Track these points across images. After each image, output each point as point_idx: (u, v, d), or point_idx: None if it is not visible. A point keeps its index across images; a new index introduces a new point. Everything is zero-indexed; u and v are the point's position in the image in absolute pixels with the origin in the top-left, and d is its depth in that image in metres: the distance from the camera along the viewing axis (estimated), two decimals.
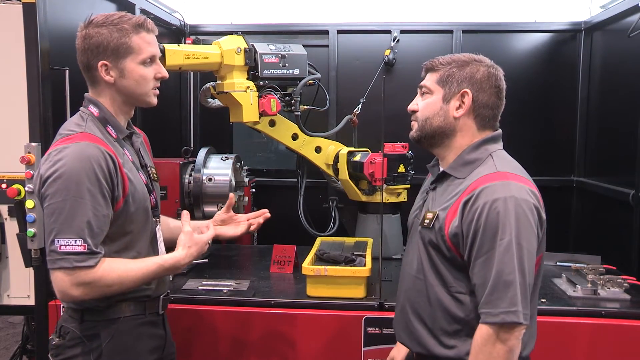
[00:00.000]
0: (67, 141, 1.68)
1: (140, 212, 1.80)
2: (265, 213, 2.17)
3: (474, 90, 1.71)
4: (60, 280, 1.61)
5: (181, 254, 1.79)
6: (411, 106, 1.82)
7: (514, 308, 1.51)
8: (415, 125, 1.80)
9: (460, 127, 1.73)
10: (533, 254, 1.58)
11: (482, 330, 1.56)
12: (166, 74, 1.87)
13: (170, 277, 2.57)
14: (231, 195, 2.17)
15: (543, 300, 2.40)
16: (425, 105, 1.76)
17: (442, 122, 1.73)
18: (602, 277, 2.54)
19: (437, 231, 1.67)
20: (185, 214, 1.90)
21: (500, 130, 1.79)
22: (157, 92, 1.86)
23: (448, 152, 1.77)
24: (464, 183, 1.67)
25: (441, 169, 1.79)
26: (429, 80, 1.77)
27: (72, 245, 1.58)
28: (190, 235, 1.82)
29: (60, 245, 1.59)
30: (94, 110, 1.79)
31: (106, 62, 1.74)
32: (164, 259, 1.78)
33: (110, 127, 1.80)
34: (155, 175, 1.99)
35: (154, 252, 1.89)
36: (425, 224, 1.71)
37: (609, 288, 2.46)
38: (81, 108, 1.83)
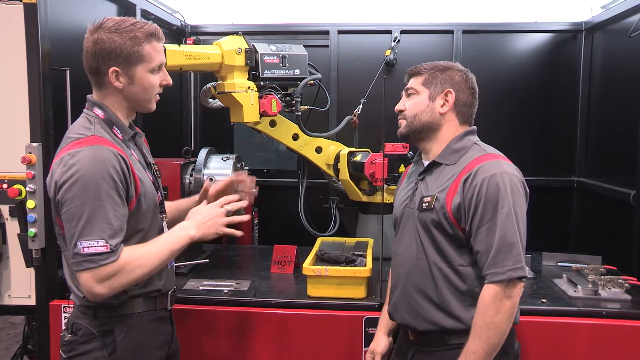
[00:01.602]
0: (78, 145, 1.70)
1: (151, 209, 1.87)
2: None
3: (455, 90, 1.95)
4: (86, 280, 1.66)
5: (187, 221, 1.88)
6: (398, 106, 2.04)
7: (519, 264, 1.74)
8: (403, 122, 2.01)
9: (445, 122, 1.96)
10: (525, 220, 1.80)
11: (490, 289, 1.75)
12: (170, 82, 1.92)
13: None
14: (206, 184, 2.17)
15: (544, 300, 2.41)
16: (413, 104, 1.98)
17: (429, 117, 1.95)
18: (602, 277, 2.54)
19: (438, 210, 1.84)
20: (207, 187, 2.08)
21: (475, 126, 2.01)
22: (158, 97, 1.91)
23: (433, 145, 1.98)
24: (458, 166, 1.88)
25: (425, 163, 1.99)
26: (414, 83, 2.01)
27: (95, 246, 1.64)
28: (197, 208, 1.93)
29: (84, 248, 1.63)
30: (99, 112, 1.82)
31: (117, 68, 1.77)
32: (172, 230, 1.86)
33: (116, 129, 1.83)
34: (158, 172, 2.04)
35: None
36: (424, 207, 1.88)
37: (609, 288, 2.46)
38: (85, 110, 1.85)
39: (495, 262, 1.74)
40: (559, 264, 2.98)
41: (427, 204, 1.87)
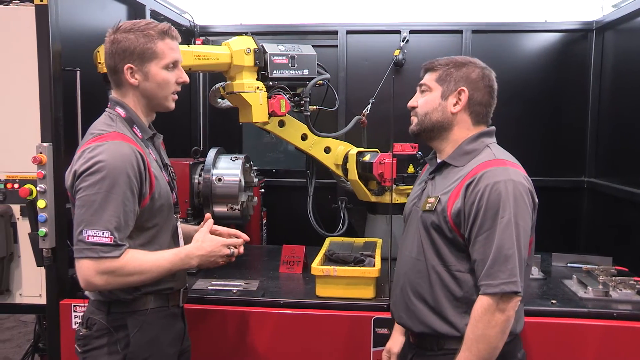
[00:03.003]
0: (100, 139, 1.77)
1: (164, 208, 1.91)
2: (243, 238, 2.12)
3: (469, 88, 1.85)
4: (85, 268, 1.70)
5: (194, 245, 1.90)
6: (411, 102, 1.97)
7: (513, 279, 1.65)
8: (414, 120, 1.95)
9: (457, 122, 1.88)
10: (528, 232, 1.73)
11: (483, 301, 1.68)
12: (187, 79, 1.96)
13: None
14: (207, 215, 2.13)
15: (553, 301, 2.39)
16: (425, 102, 1.91)
17: (440, 116, 1.88)
18: (613, 278, 2.53)
19: (439, 213, 1.79)
20: (208, 217, 2.05)
21: (494, 127, 1.93)
22: (176, 97, 1.96)
23: (445, 145, 1.91)
24: (464, 169, 1.81)
25: (439, 160, 1.93)
26: (428, 79, 1.92)
27: (100, 236, 1.68)
28: (204, 233, 1.95)
29: (88, 236, 1.68)
30: (120, 111, 1.89)
31: (132, 65, 1.84)
32: (178, 250, 1.90)
33: (136, 127, 1.89)
34: (173, 174, 2.09)
35: (175, 246, 1.98)
36: (427, 208, 1.83)
37: (620, 290, 2.45)
38: (107, 109, 1.92)
39: (489, 274, 1.67)
40: (569, 264, 2.96)
41: (430, 205, 1.82)
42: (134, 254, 1.75)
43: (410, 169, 3.03)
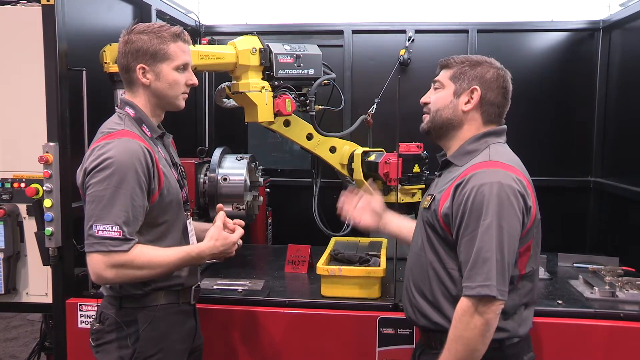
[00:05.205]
0: (109, 137, 1.82)
1: (174, 204, 1.94)
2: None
3: (482, 88, 1.85)
4: (95, 262, 1.74)
5: (207, 244, 1.92)
6: (424, 98, 1.97)
7: (488, 282, 1.64)
8: (426, 117, 1.95)
9: (467, 120, 1.88)
10: (515, 236, 1.70)
11: (462, 303, 1.69)
12: (196, 82, 2.01)
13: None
14: (219, 205, 2.13)
15: (559, 301, 2.38)
16: (437, 98, 1.91)
17: (451, 114, 1.88)
18: (620, 279, 2.51)
19: (432, 212, 1.82)
20: (220, 208, 2.06)
21: (504, 126, 1.92)
22: (186, 96, 2.00)
23: (453, 143, 1.91)
24: (460, 170, 1.82)
25: (443, 158, 1.95)
26: (443, 76, 1.92)
27: (109, 231, 1.72)
28: (219, 230, 1.96)
29: (98, 230, 1.72)
30: (130, 111, 1.93)
31: (144, 65, 1.89)
32: (190, 247, 1.93)
33: (145, 126, 1.93)
34: (184, 173, 2.13)
35: (186, 243, 2.01)
36: (425, 205, 1.87)
37: (627, 290, 2.43)
38: (117, 109, 1.96)
39: (469, 276, 1.67)
40: (575, 265, 2.95)
41: (426, 203, 1.86)
42: (143, 249, 1.79)
43: (416, 169, 3.02)
